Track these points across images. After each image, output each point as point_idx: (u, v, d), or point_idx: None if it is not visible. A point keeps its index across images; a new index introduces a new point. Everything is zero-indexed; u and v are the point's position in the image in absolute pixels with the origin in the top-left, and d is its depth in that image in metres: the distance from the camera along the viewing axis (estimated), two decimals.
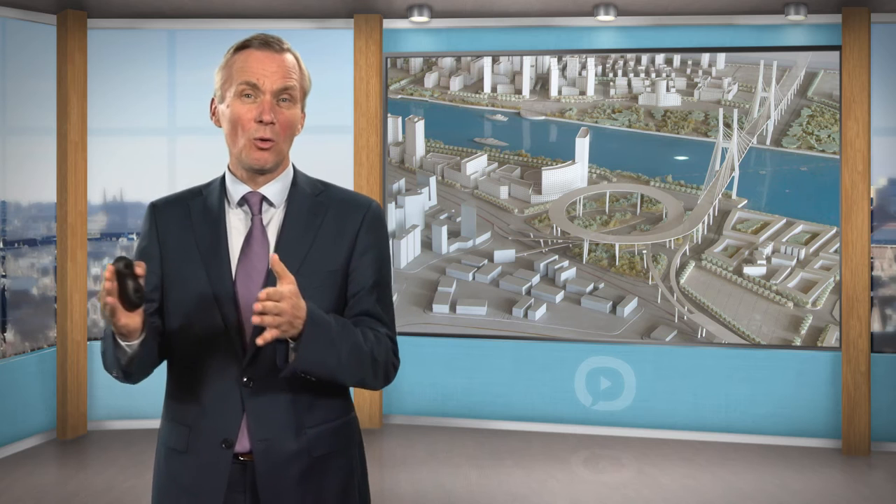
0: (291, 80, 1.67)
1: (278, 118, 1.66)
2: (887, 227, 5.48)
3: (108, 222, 5.81)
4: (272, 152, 1.67)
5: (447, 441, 5.44)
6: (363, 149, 5.70)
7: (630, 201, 5.70)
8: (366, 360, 1.66)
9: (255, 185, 1.71)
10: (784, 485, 4.69)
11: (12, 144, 5.40)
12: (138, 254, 1.75)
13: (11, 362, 5.27)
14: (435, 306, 5.81)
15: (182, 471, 1.68)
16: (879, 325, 5.43)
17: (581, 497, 4.47)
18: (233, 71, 1.67)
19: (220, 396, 1.66)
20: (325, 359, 1.59)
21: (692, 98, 5.64)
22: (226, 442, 1.65)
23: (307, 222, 1.71)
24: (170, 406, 1.74)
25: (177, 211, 1.75)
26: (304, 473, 1.67)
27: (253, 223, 1.70)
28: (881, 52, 5.41)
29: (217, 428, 1.65)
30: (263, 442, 1.64)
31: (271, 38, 1.69)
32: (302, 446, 1.67)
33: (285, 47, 1.70)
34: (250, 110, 1.65)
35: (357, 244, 1.73)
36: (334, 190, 1.79)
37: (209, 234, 1.70)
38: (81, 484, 4.63)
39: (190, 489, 1.67)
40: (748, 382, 5.49)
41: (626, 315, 5.63)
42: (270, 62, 1.66)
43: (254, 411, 1.65)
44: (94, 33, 5.65)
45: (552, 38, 5.76)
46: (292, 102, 1.69)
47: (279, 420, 1.66)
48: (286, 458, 1.65)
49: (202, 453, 1.66)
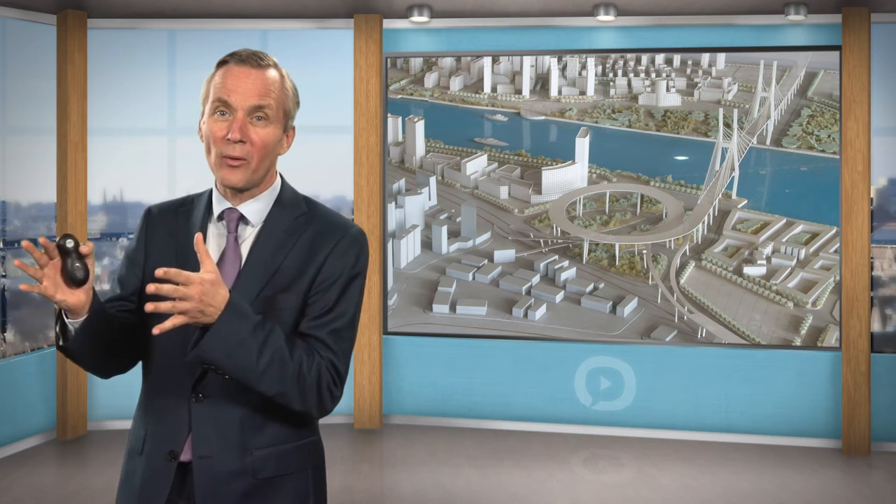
0: (267, 99, 1.64)
1: (250, 137, 1.62)
2: (887, 227, 5.48)
3: (108, 222, 5.81)
4: (242, 171, 1.64)
5: (447, 441, 5.44)
6: (363, 149, 5.70)
7: (630, 201, 5.70)
8: (289, 372, 1.58)
9: (237, 202, 1.70)
10: (784, 485, 4.69)
11: (12, 144, 5.40)
12: (125, 256, 1.78)
13: (11, 362, 5.27)
14: (435, 306, 5.81)
15: (136, 472, 1.71)
16: (879, 325, 5.43)
17: (581, 497, 4.47)
18: (210, 87, 1.66)
19: (172, 407, 1.66)
20: (235, 354, 1.53)
21: (692, 98, 5.64)
22: (171, 454, 1.65)
23: (280, 242, 1.68)
24: (137, 408, 1.77)
25: (167, 219, 1.76)
26: (247, 494, 1.64)
27: (227, 241, 1.69)
28: (881, 52, 5.41)
29: (165, 438, 1.66)
30: (204, 459, 1.63)
31: (254, 53, 1.66)
32: (246, 467, 1.64)
33: (265, 63, 1.66)
34: (221, 128, 1.62)
35: (323, 270, 1.67)
36: (318, 211, 1.74)
37: (187, 246, 1.68)
38: (81, 484, 4.63)
39: (138, 492, 1.69)
40: (748, 382, 5.49)
41: (626, 315, 5.63)
42: (246, 78, 1.63)
43: (199, 426, 1.64)
44: (94, 33, 5.65)
45: (552, 38, 5.76)
46: (268, 121, 1.64)
47: (223, 438, 1.63)
48: (226, 477, 1.63)
49: (151, 459, 1.67)
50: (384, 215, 5.82)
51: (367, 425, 5.68)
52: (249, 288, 1.65)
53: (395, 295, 5.84)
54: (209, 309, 1.49)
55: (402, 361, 5.82)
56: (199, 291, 1.47)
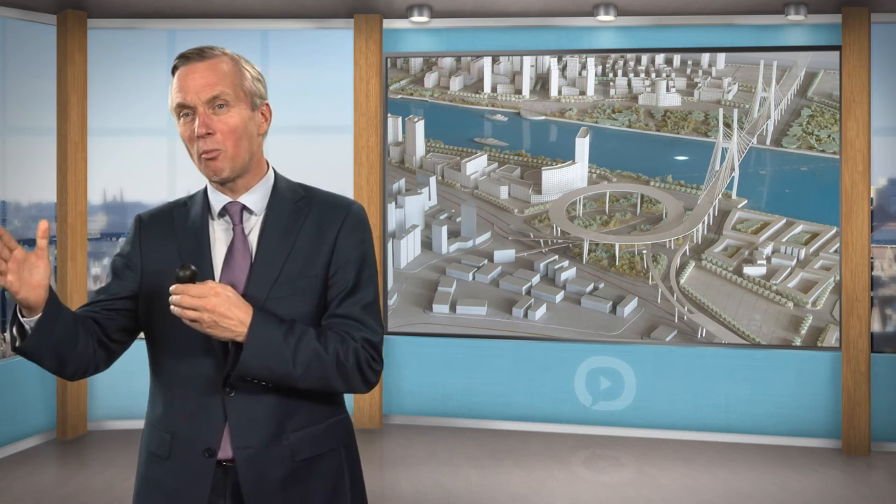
0: (219, 86, 1.64)
1: (216, 127, 1.63)
2: (887, 227, 5.48)
3: (108, 222, 5.81)
4: (222, 160, 1.65)
5: (447, 441, 5.44)
6: (363, 149, 5.70)
7: (630, 201, 5.70)
8: (328, 366, 1.63)
9: (234, 195, 1.71)
10: (784, 485, 4.69)
11: (12, 144, 5.40)
12: (120, 258, 1.77)
13: (11, 362, 5.27)
14: (435, 306, 5.81)
15: (164, 476, 1.69)
16: (879, 325, 5.43)
17: (581, 497, 4.47)
18: (171, 95, 1.68)
19: (202, 405, 1.66)
20: (273, 365, 1.59)
21: (692, 98, 5.64)
22: (209, 451, 1.65)
23: (287, 228, 1.70)
24: (152, 411, 1.75)
25: (161, 224, 1.76)
26: (288, 478, 1.67)
27: (234, 233, 1.70)
28: (881, 52, 5.41)
29: (199, 436, 1.65)
30: (245, 450, 1.64)
31: (196, 49, 1.67)
32: (284, 451, 1.66)
33: (209, 54, 1.66)
34: (189, 129, 1.65)
35: (336, 247, 1.71)
36: (315, 193, 1.77)
37: (192, 246, 1.70)
38: (81, 484, 4.63)
39: (172, 495, 1.67)
40: (748, 382, 5.49)
41: (626, 315, 5.63)
42: (193, 73, 1.64)
43: (235, 420, 1.65)
44: (94, 33, 5.65)
45: (552, 38, 5.76)
46: (229, 106, 1.65)
47: (260, 427, 1.65)
48: (268, 464, 1.65)
49: (185, 460, 1.66)
50: (384, 215, 5.82)
51: (367, 425, 5.68)
52: (265, 275, 1.66)
53: (395, 295, 5.84)
54: (224, 321, 1.54)
55: (402, 361, 5.82)
56: (212, 305, 1.53)
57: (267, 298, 1.65)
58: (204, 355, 1.65)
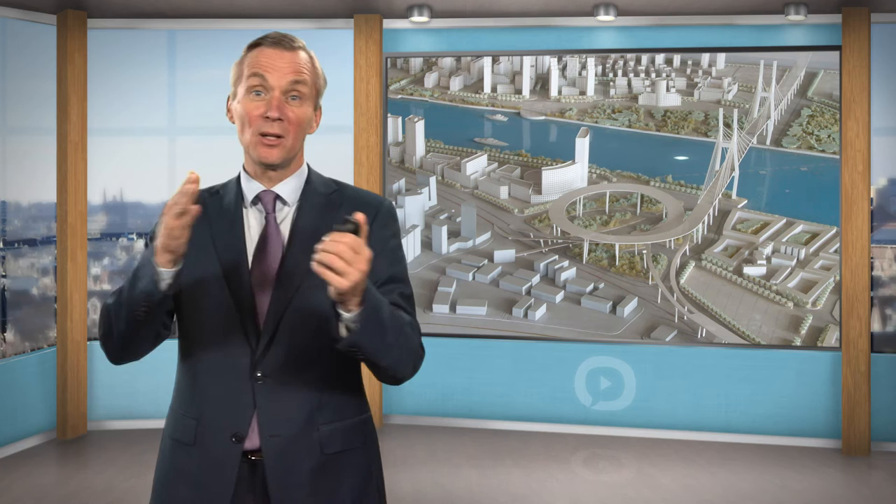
0: (301, 77, 1.68)
1: (287, 115, 1.66)
2: (887, 227, 5.48)
3: (108, 222, 5.81)
4: (279, 149, 1.68)
5: (447, 441, 5.44)
6: (363, 149, 5.70)
7: (630, 201, 5.70)
8: (405, 347, 1.62)
9: (269, 184, 1.72)
10: (784, 485, 4.69)
11: (12, 144, 5.40)
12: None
13: (11, 362, 5.27)
14: (435, 306, 5.81)
15: (188, 463, 1.67)
16: (879, 325, 5.43)
17: (581, 497, 4.47)
18: (244, 67, 1.69)
19: (232, 391, 1.65)
20: (376, 338, 1.54)
21: (692, 98, 5.64)
22: (236, 436, 1.63)
23: (320, 218, 1.71)
24: (178, 398, 1.73)
25: None
26: (316, 470, 1.65)
27: (267, 221, 1.71)
28: (881, 52, 5.41)
29: (227, 422, 1.64)
30: (274, 438, 1.63)
31: (284, 35, 1.70)
32: (313, 443, 1.65)
33: (297, 45, 1.71)
34: (258, 107, 1.66)
35: (370, 240, 1.70)
36: (347, 189, 1.80)
37: (226, 232, 1.70)
38: (81, 484, 4.63)
39: (196, 482, 1.65)
40: (748, 382, 5.49)
41: (626, 315, 5.63)
42: (280, 59, 1.67)
43: (265, 407, 1.64)
44: (94, 33, 5.65)
45: (552, 38, 5.76)
46: (302, 100, 1.69)
47: (290, 416, 1.64)
48: (297, 455, 1.64)
49: (211, 447, 1.65)
50: None
51: None
52: (299, 264, 1.66)
53: None
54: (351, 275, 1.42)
55: None
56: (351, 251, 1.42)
57: (300, 286, 1.65)
58: (234, 341, 1.65)
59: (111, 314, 1.64)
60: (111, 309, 1.64)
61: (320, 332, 1.64)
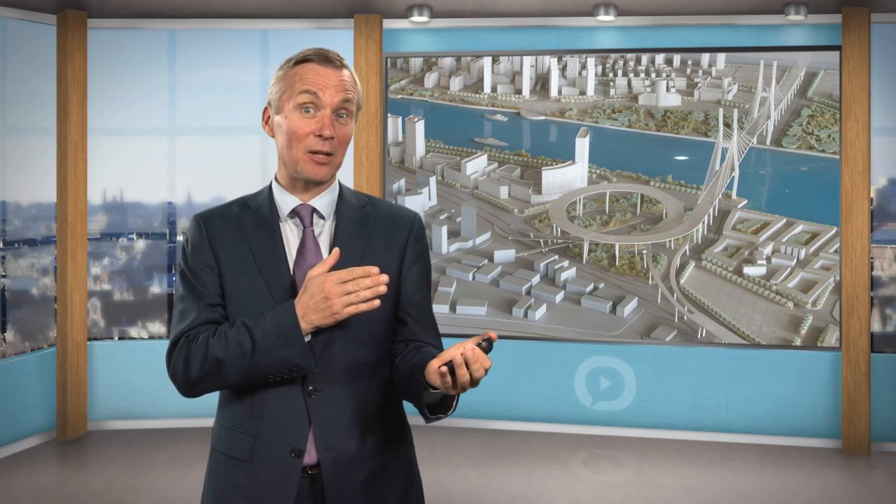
0: (349, 95, 1.69)
1: (337, 133, 1.68)
2: (887, 227, 5.48)
3: (108, 222, 5.81)
4: (329, 167, 1.69)
5: (447, 441, 5.44)
6: (363, 149, 5.70)
7: (630, 201, 5.70)
8: None
9: (306, 197, 1.73)
10: (784, 485, 4.69)
11: (12, 144, 5.40)
12: (194, 264, 1.70)
13: (11, 362, 5.27)
14: (435, 306, 5.79)
15: (245, 480, 1.67)
16: (879, 325, 5.43)
17: (581, 497, 4.47)
18: (294, 83, 1.68)
19: (286, 406, 1.66)
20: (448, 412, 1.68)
21: (692, 98, 5.64)
22: (295, 451, 1.65)
23: (357, 232, 1.73)
24: (228, 414, 1.72)
25: (226, 223, 1.73)
26: (368, 480, 1.69)
27: (305, 234, 1.71)
28: (881, 52, 5.41)
29: (284, 437, 1.65)
30: (331, 451, 1.65)
31: (331, 53, 1.71)
32: (365, 454, 1.68)
33: (344, 63, 1.73)
34: (309, 124, 1.66)
35: (406, 254, 1.76)
36: (378, 203, 1.82)
37: (266, 246, 1.70)
38: (81, 484, 4.63)
39: (255, 497, 1.66)
40: (748, 382, 5.49)
41: (626, 315, 5.63)
42: (332, 77, 1.68)
43: (319, 420, 1.65)
44: (94, 33, 5.65)
45: (552, 38, 5.77)
46: (349, 117, 1.71)
47: (344, 428, 1.67)
48: (352, 466, 1.67)
49: (269, 463, 1.65)
50: None
51: None
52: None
53: None
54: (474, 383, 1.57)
55: None
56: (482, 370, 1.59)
57: None
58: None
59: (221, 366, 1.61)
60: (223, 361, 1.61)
61: (367, 343, 1.69)
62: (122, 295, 5.84)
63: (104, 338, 5.73)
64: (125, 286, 5.85)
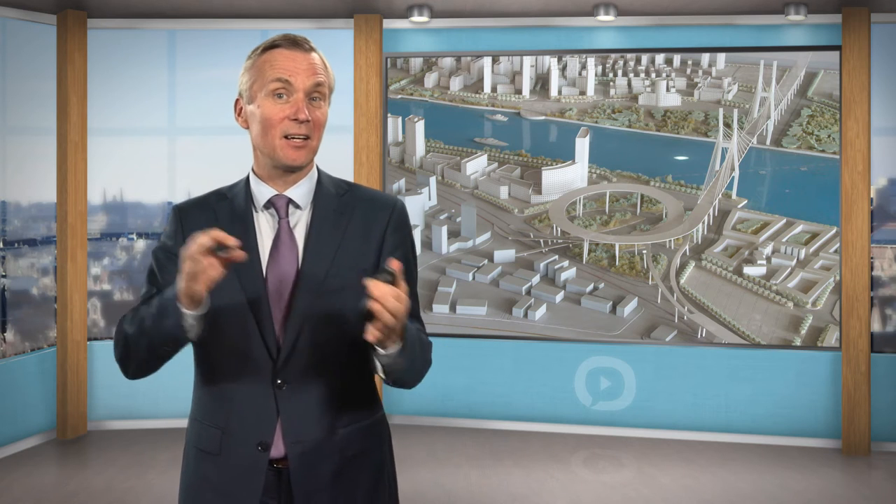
0: (321, 78, 1.67)
1: (312, 116, 1.66)
2: (887, 227, 5.48)
3: (108, 222, 5.81)
4: (306, 150, 1.67)
5: (447, 441, 5.44)
6: (363, 149, 5.70)
7: (630, 201, 5.70)
8: (422, 365, 1.69)
9: (282, 187, 1.71)
10: (784, 485, 4.69)
11: (12, 144, 5.40)
12: (163, 251, 1.72)
13: (11, 362, 5.27)
14: (435, 306, 5.81)
15: (214, 472, 1.67)
16: (879, 325, 5.43)
17: (581, 497, 4.47)
18: (264, 70, 1.67)
19: (254, 399, 1.65)
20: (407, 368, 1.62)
21: (692, 98, 5.64)
22: (262, 444, 1.64)
23: (334, 222, 1.71)
24: (199, 407, 1.73)
25: (202, 214, 1.73)
26: (337, 473, 1.67)
27: (280, 226, 1.70)
28: (881, 52, 5.41)
29: (252, 431, 1.65)
30: (298, 444, 1.64)
31: (299, 37, 1.69)
32: (334, 446, 1.67)
33: (312, 46, 1.71)
34: (283, 109, 1.65)
35: (385, 243, 1.72)
36: (359, 189, 1.79)
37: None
38: (81, 484, 4.63)
39: (223, 491, 1.66)
40: (748, 382, 5.49)
41: (626, 315, 5.63)
42: (302, 60, 1.66)
43: (288, 413, 1.64)
44: (94, 33, 5.65)
45: (552, 38, 5.76)
46: (322, 100, 1.69)
47: (312, 421, 1.65)
48: (320, 459, 1.65)
49: (236, 456, 1.65)
50: None
51: None
52: (317, 269, 1.66)
53: None
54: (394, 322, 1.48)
55: None
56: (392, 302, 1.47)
57: (319, 291, 1.65)
58: (255, 349, 1.65)
59: (130, 342, 1.64)
60: (130, 338, 1.64)
61: (339, 336, 1.66)
62: (122, 295, 5.84)
63: (104, 338, 5.73)
64: (125, 286, 5.85)
